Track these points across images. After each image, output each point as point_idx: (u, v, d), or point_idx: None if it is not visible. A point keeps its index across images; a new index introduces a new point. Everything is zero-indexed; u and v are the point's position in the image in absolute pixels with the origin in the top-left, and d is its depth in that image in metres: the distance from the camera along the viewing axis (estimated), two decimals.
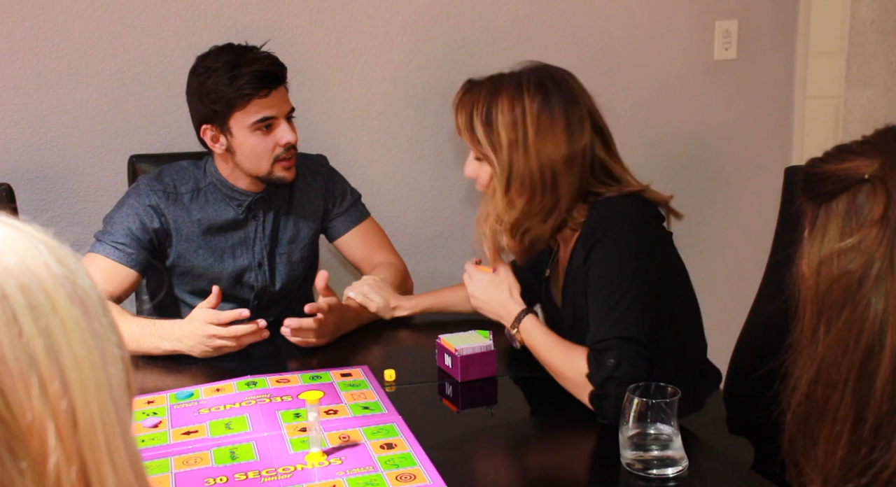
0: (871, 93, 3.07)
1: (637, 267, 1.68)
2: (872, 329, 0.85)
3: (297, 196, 2.29)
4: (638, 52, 3.07)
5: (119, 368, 0.64)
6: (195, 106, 2.15)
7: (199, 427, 1.65)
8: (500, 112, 1.71)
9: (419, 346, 2.01)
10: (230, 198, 2.21)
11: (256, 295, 2.27)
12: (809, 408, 0.90)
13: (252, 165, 2.14)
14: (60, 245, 0.66)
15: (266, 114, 2.10)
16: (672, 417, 1.45)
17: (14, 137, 2.51)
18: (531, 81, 1.72)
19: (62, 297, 0.61)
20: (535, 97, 1.70)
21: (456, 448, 1.61)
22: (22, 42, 2.47)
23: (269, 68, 2.09)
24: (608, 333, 1.64)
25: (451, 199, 2.97)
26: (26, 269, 0.61)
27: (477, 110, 1.73)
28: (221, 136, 2.13)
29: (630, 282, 1.66)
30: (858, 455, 0.85)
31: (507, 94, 1.72)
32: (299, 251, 2.30)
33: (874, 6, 3.03)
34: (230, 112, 2.09)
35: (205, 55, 2.13)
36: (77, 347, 0.60)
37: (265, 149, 2.12)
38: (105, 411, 0.61)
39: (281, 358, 2.00)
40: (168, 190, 2.18)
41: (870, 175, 0.87)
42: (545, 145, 1.70)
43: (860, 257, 0.86)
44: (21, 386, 0.58)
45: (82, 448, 0.60)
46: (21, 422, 0.57)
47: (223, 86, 2.06)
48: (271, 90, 2.10)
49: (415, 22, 2.81)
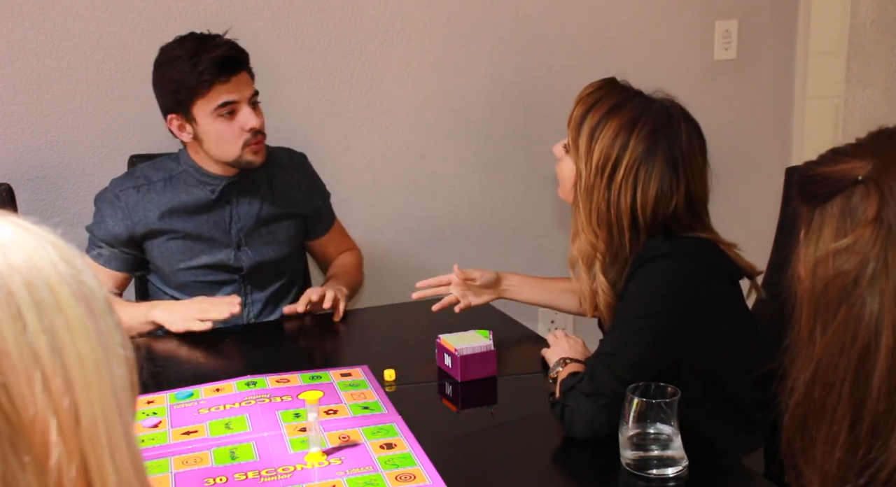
0: (871, 94, 3.07)
1: (663, 297, 1.61)
2: (868, 328, 0.85)
3: (278, 179, 2.31)
4: (638, 52, 3.07)
5: (123, 367, 0.65)
6: (160, 96, 2.18)
7: (198, 427, 1.65)
8: (603, 133, 1.66)
9: (419, 346, 2.01)
10: (203, 182, 2.23)
11: (243, 276, 2.28)
12: (807, 409, 0.90)
13: (220, 152, 2.17)
14: (67, 245, 0.66)
15: (227, 99, 2.11)
16: (672, 417, 1.45)
17: (14, 137, 2.51)
18: (649, 121, 1.65)
19: (67, 296, 0.62)
20: (641, 141, 1.63)
21: (456, 448, 1.61)
22: (22, 42, 2.47)
23: (230, 53, 2.12)
24: (602, 348, 1.62)
25: (451, 199, 2.97)
26: (33, 267, 0.61)
27: (591, 116, 1.68)
28: (187, 125, 2.15)
29: (646, 308, 1.60)
30: (856, 456, 0.85)
31: (621, 119, 1.65)
32: (285, 230, 2.32)
33: (874, 6, 3.03)
34: (192, 99, 2.11)
35: (167, 45, 2.16)
36: (81, 345, 0.61)
37: (231, 134, 2.14)
38: (108, 409, 0.62)
39: (281, 358, 2.00)
40: (139, 183, 2.21)
41: (863, 176, 0.88)
42: (627, 192, 1.64)
43: (855, 257, 0.86)
44: (24, 381, 0.58)
45: (84, 446, 0.60)
46: (24, 417, 0.58)
47: (184, 73, 2.09)
48: (231, 76, 2.11)
49: (415, 22, 2.81)
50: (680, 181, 1.65)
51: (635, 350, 1.58)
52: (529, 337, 2.12)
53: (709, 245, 1.69)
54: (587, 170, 1.67)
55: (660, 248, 1.64)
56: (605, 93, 1.70)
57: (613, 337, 1.62)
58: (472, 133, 2.95)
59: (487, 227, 3.04)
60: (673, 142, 1.65)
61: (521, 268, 3.07)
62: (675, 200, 1.65)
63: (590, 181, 1.67)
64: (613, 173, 1.64)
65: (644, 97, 1.70)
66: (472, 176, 2.98)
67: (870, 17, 3.04)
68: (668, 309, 1.60)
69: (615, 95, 1.69)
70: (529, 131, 2.98)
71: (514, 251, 3.08)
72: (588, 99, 1.71)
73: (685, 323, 1.62)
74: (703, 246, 1.68)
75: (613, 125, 1.65)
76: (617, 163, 1.64)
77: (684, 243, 1.67)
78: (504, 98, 2.96)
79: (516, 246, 3.08)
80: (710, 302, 1.66)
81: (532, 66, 2.96)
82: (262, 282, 2.31)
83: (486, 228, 3.04)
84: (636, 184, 1.64)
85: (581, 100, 1.72)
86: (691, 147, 1.67)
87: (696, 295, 1.64)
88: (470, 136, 2.95)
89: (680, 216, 1.67)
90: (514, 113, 2.98)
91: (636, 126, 1.64)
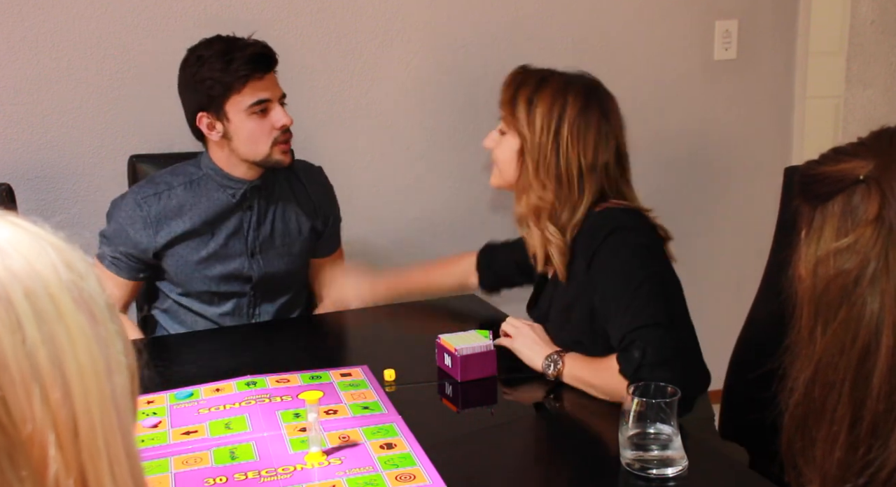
0: (871, 94, 3.07)
1: (643, 260, 1.76)
2: (869, 328, 0.85)
3: (297, 191, 2.29)
4: (638, 52, 3.07)
5: (124, 376, 0.64)
6: (189, 96, 2.16)
7: (198, 427, 1.65)
8: (541, 99, 1.84)
9: (419, 346, 2.01)
10: (224, 186, 2.20)
11: (253, 286, 2.26)
12: (807, 409, 0.90)
13: (250, 150, 2.15)
14: (70, 247, 0.64)
15: (262, 97, 2.11)
16: (672, 417, 1.46)
17: (14, 137, 2.51)
18: (578, 86, 1.86)
19: (68, 303, 0.60)
20: (577, 100, 1.83)
21: (456, 448, 1.61)
22: (22, 42, 2.47)
23: (263, 51, 2.13)
24: (628, 327, 1.69)
25: (451, 198, 2.97)
26: (33, 273, 0.60)
27: (523, 90, 1.86)
28: (218, 123, 2.14)
29: (639, 275, 1.73)
30: (856, 456, 0.85)
31: (553, 87, 1.85)
32: (300, 244, 2.30)
33: (874, 6, 3.03)
34: (227, 96, 2.10)
35: (195, 47, 2.15)
36: (81, 354, 0.60)
37: (262, 132, 2.13)
38: (107, 419, 0.61)
39: (281, 358, 1.99)
40: (160, 190, 2.19)
41: (865, 176, 0.87)
42: (573, 146, 1.82)
43: (856, 257, 0.86)
44: (23, 394, 0.57)
45: (83, 458, 0.59)
46: (22, 431, 0.57)
47: (218, 71, 2.08)
48: (265, 73, 2.12)
49: (415, 22, 2.81)
50: (611, 132, 1.85)
51: (660, 307, 1.70)
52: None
53: (635, 213, 1.86)
54: (532, 134, 1.84)
55: (613, 222, 1.80)
56: (525, 75, 1.90)
57: (633, 309, 1.70)
58: (471, 133, 2.95)
59: (487, 227, 3.03)
60: (603, 99, 1.88)
61: None
62: (609, 149, 1.84)
63: (536, 140, 1.84)
64: (559, 129, 1.83)
65: (561, 71, 1.91)
66: (472, 176, 2.98)
67: (870, 17, 3.04)
68: (655, 266, 1.78)
69: (536, 74, 1.90)
70: None
71: None
72: (512, 81, 1.90)
73: (671, 272, 1.83)
74: (632, 215, 1.85)
75: (547, 92, 1.85)
76: (560, 120, 1.83)
77: (615, 215, 1.83)
78: None
79: None
80: (667, 260, 1.85)
81: None
82: (271, 294, 2.29)
83: (486, 228, 3.03)
84: (579, 136, 1.82)
85: (506, 85, 1.91)
86: (613, 104, 1.89)
87: (661, 254, 1.83)
88: (470, 136, 2.95)
89: (611, 169, 1.85)
90: None
91: (568, 90, 1.85)
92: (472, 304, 2.29)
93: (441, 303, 2.29)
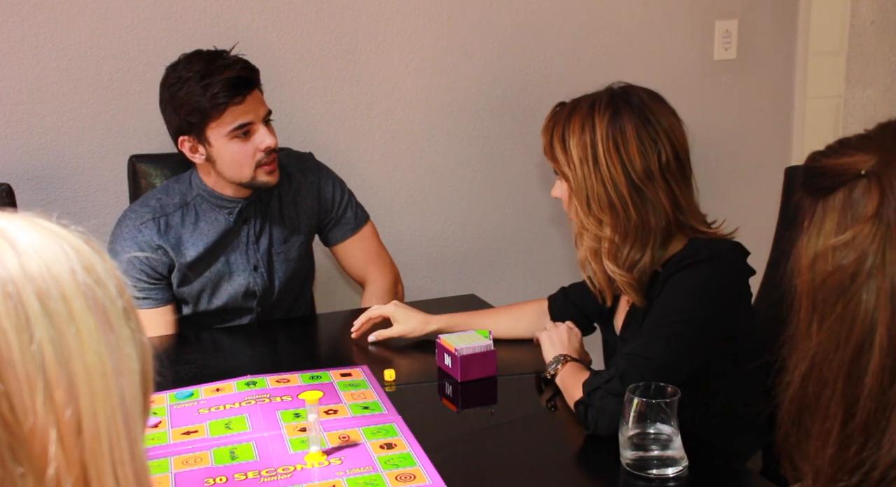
0: (871, 94, 3.07)
1: (702, 304, 1.64)
2: (863, 325, 0.85)
3: (287, 194, 2.26)
4: (638, 52, 3.07)
5: (135, 382, 0.64)
6: (170, 118, 2.12)
7: (198, 427, 1.65)
8: (572, 132, 1.71)
9: (419, 346, 2.01)
10: (219, 206, 2.18)
11: (259, 300, 2.25)
12: (802, 404, 0.90)
13: (234, 173, 2.11)
14: (92, 250, 0.65)
15: (242, 121, 2.06)
16: (672, 417, 1.45)
17: (14, 137, 2.51)
18: (603, 100, 1.71)
19: (81, 307, 0.61)
20: (604, 115, 1.69)
21: (456, 448, 1.61)
22: (22, 42, 2.47)
23: (241, 74, 2.06)
24: (632, 350, 1.62)
25: (451, 199, 2.97)
26: (48, 275, 0.60)
27: (556, 130, 1.74)
28: (200, 147, 2.10)
29: (682, 314, 1.63)
30: (848, 453, 0.85)
31: (579, 114, 1.71)
32: (296, 249, 2.28)
33: (874, 6, 3.03)
34: (206, 122, 2.06)
35: (174, 65, 2.10)
36: (89, 356, 0.60)
37: (245, 155, 2.08)
38: (112, 422, 0.61)
39: (281, 358, 2.00)
40: (157, 215, 2.15)
41: (866, 171, 0.87)
42: (615, 164, 1.67)
43: (853, 253, 0.86)
44: (27, 390, 0.58)
45: (85, 458, 0.59)
46: (24, 426, 0.57)
47: (196, 96, 2.03)
48: (245, 96, 2.06)
49: (415, 22, 2.81)
50: (659, 131, 1.69)
51: (668, 353, 1.60)
52: (530, 338, 2.11)
53: (739, 248, 1.72)
54: (572, 170, 1.71)
55: (698, 253, 1.67)
56: (557, 113, 1.76)
57: (647, 338, 1.63)
58: (472, 133, 2.95)
59: (487, 227, 3.04)
60: (631, 97, 1.71)
61: (521, 265, 3.08)
62: (659, 148, 1.68)
63: (578, 175, 1.70)
64: (595, 154, 1.68)
65: (590, 94, 1.75)
66: (472, 176, 2.98)
67: (870, 17, 3.04)
68: (704, 315, 1.64)
69: (565, 108, 1.75)
70: (529, 131, 2.98)
71: (515, 250, 3.08)
72: (548, 124, 1.76)
73: (715, 328, 1.66)
74: (736, 249, 1.71)
75: (576, 122, 1.70)
76: (594, 144, 1.68)
77: (718, 247, 1.69)
78: (504, 98, 2.96)
79: (517, 245, 3.08)
80: (737, 307, 1.71)
81: (532, 67, 2.96)
82: (275, 308, 2.28)
83: (486, 228, 3.04)
84: (617, 150, 1.67)
85: (544, 129, 1.77)
86: (651, 96, 1.73)
87: (729, 302, 1.68)
88: (470, 137, 2.95)
89: (672, 168, 1.69)
90: (514, 113, 2.97)
91: (594, 109, 1.70)
92: (472, 304, 2.29)
93: (441, 304, 2.28)
